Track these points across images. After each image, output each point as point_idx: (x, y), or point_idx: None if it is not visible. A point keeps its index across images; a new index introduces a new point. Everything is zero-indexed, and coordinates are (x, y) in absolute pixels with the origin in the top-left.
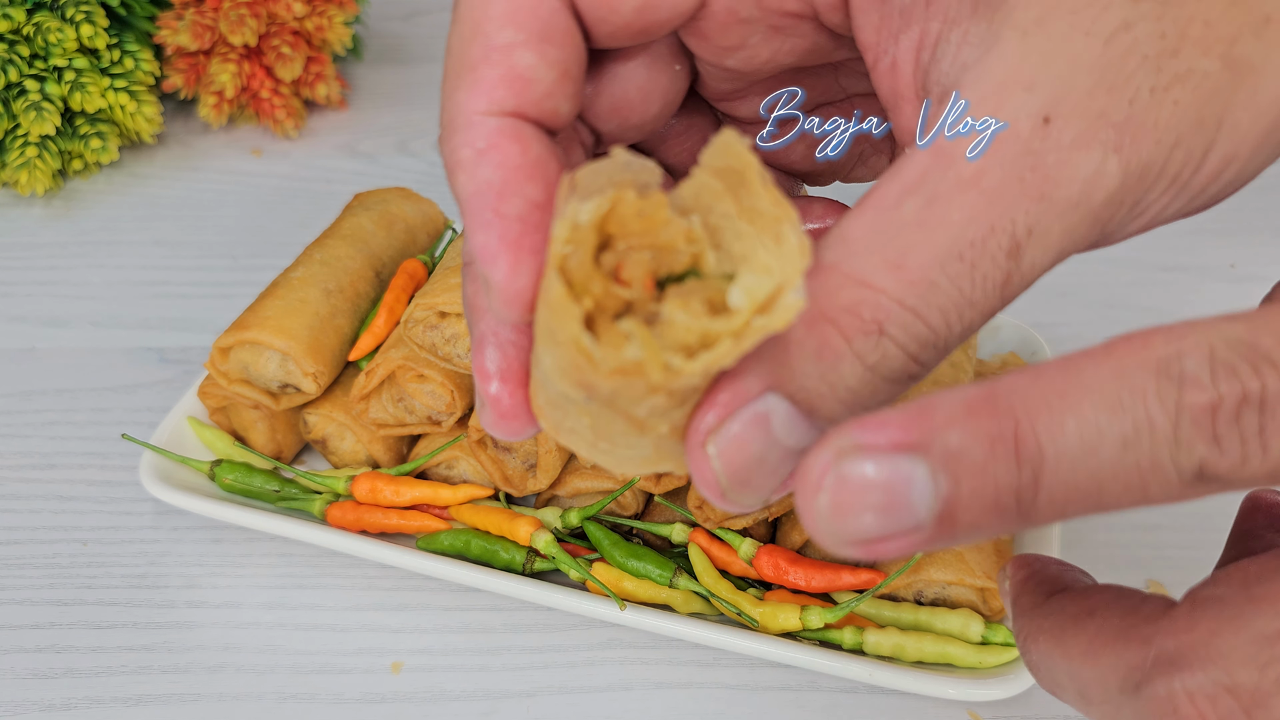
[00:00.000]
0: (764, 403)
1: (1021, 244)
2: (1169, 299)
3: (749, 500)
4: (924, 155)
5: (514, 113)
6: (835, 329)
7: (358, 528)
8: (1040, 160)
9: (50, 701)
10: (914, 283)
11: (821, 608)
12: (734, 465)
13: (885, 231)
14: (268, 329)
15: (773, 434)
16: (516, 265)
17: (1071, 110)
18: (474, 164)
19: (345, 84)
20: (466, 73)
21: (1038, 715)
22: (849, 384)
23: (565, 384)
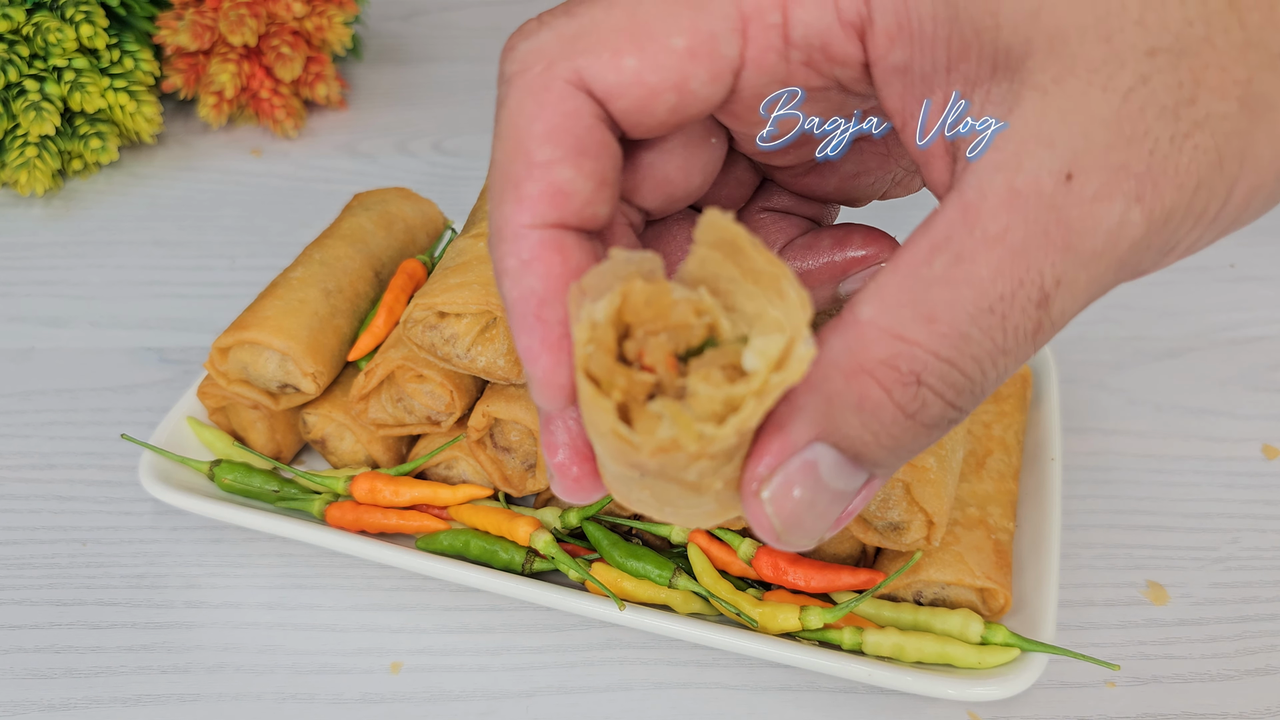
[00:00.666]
0: (812, 452)
1: (1050, 294)
2: (1169, 299)
3: (803, 542)
4: (952, 212)
5: (556, 224)
6: (874, 381)
7: (357, 528)
8: (1064, 214)
9: (50, 701)
10: (947, 335)
11: (821, 608)
12: (786, 511)
13: (917, 287)
14: (267, 329)
15: (821, 480)
16: (556, 365)
17: (1092, 165)
18: (519, 273)
19: (345, 84)
20: (511, 188)
21: (1038, 715)
22: (891, 431)
23: (617, 466)
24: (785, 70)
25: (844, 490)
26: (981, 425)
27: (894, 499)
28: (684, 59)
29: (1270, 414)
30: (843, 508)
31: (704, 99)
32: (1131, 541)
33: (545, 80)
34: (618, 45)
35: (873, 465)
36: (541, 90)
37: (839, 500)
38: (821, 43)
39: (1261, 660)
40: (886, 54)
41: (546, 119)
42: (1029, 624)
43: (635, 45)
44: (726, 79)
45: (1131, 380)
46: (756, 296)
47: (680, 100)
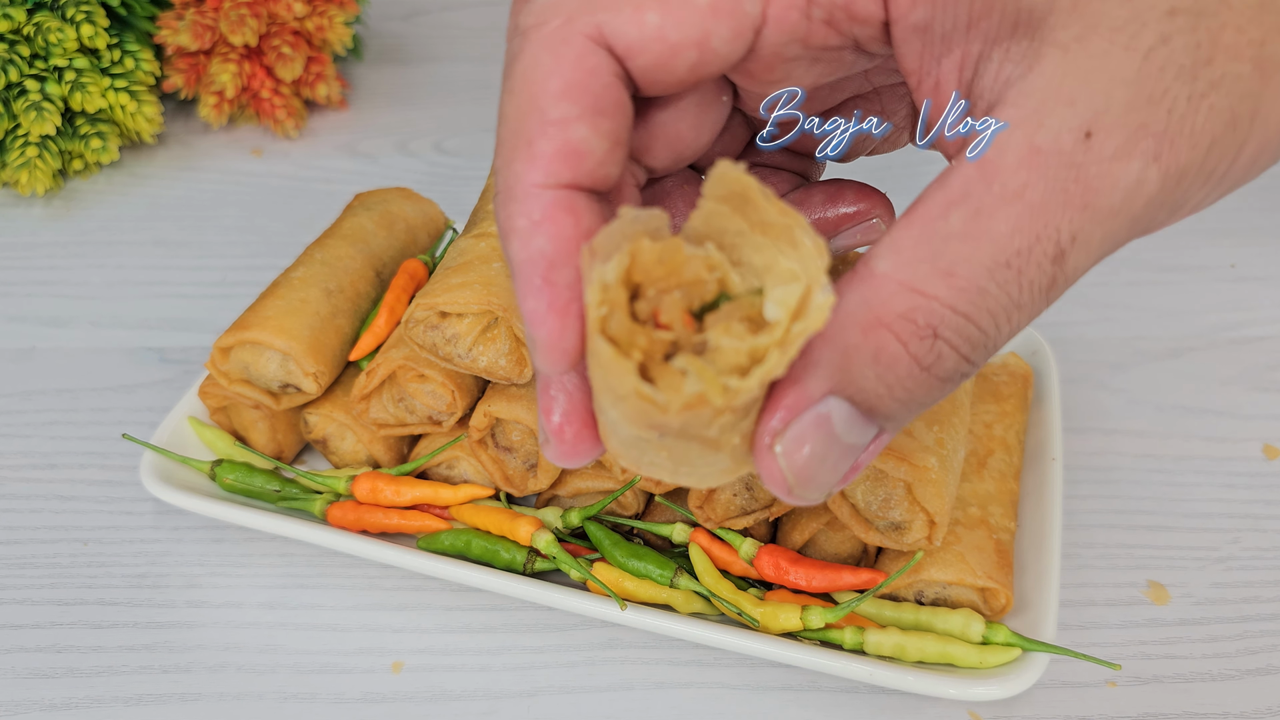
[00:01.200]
0: (825, 405)
1: (1066, 250)
2: (1169, 299)
3: (814, 495)
4: (969, 168)
5: (569, 184)
6: (891, 334)
7: (358, 528)
8: (1083, 172)
9: (51, 701)
10: (965, 289)
11: (822, 608)
12: (799, 464)
13: (934, 242)
14: (268, 329)
15: (834, 433)
16: (562, 328)
17: (1113, 124)
18: (529, 233)
19: (345, 84)
20: (523, 146)
21: (1038, 715)
22: (906, 384)
23: (635, 429)
24: (806, 28)
25: (855, 444)
26: (983, 425)
27: (895, 499)
28: (706, 15)
29: (1271, 414)
30: (853, 461)
31: (724, 56)
32: (1132, 541)
33: (564, 34)
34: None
35: (884, 419)
36: (560, 44)
37: (850, 453)
38: (845, 1)
39: (1263, 660)
40: (908, 12)
41: (564, 75)
42: (1030, 624)
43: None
44: (747, 36)
45: (1132, 380)
46: (765, 248)
47: (701, 57)
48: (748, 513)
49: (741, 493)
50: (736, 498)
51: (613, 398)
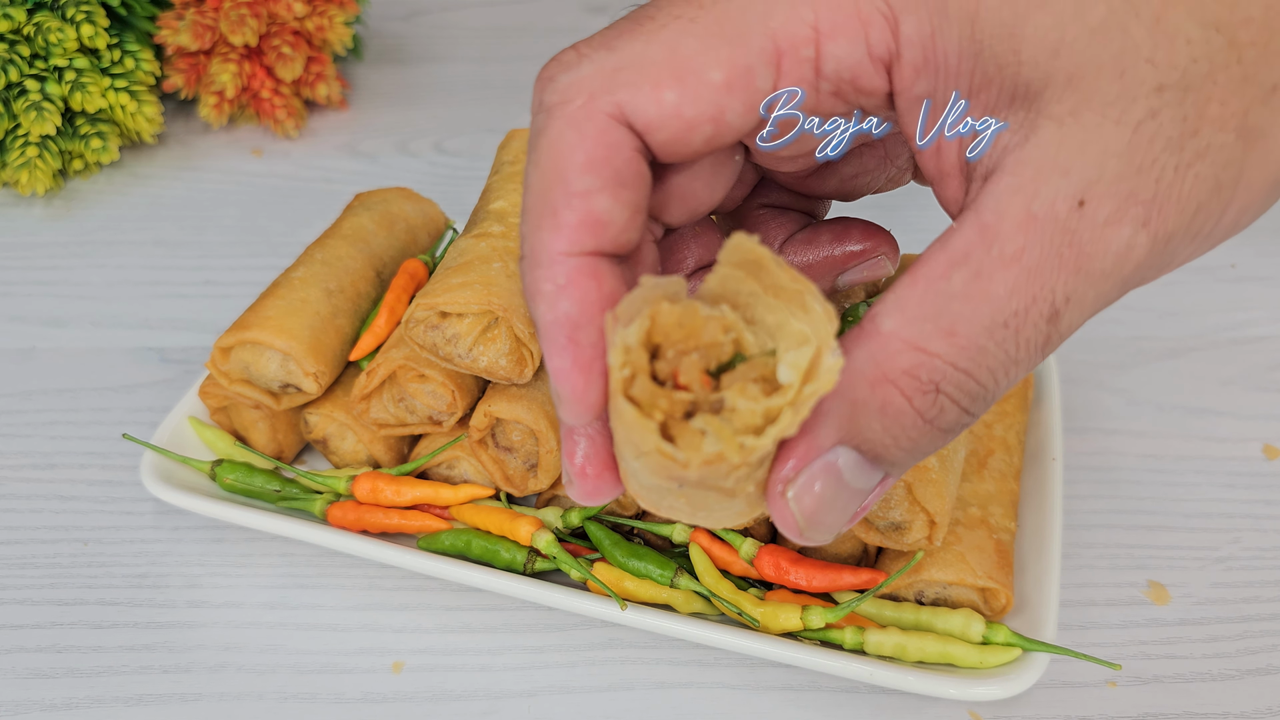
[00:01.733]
0: (834, 454)
1: (1060, 311)
2: (1169, 299)
3: (822, 537)
4: (970, 231)
5: (592, 252)
6: (897, 389)
7: (359, 528)
8: (1076, 238)
9: (51, 701)
10: (965, 348)
11: (823, 608)
12: (809, 508)
13: (937, 301)
14: (269, 329)
15: (842, 480)
16: (587, 385)
17: (1104, 193)
18: (555, 297)
19: (346, 84)
20: (549, 215)
21: (1038, 715)
22: (910, 435)
23: (656, 480)
24: (814, 100)
25: (861, 489)
26: (983, 425)
27: (896, 499)
28: (721, 92)
29: (1271, 414)
30: (859, 504)
31: (737, 129)
32: (1133, 541)
33: (587, 112)
34: (658, 79)
35: (889, 465)
36: (583, 121)
37: (857, 497)
38: (851, 76)
39: (1263, 660)
40: (911, 85)
41: (588, 150)
42: (1030, 624)
43: (675, 79)
44: (758, 110)
45: (1132, 380)
46: (777, 309)
47: (716, 131)
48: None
49: None
50: None
51: (635, 452)
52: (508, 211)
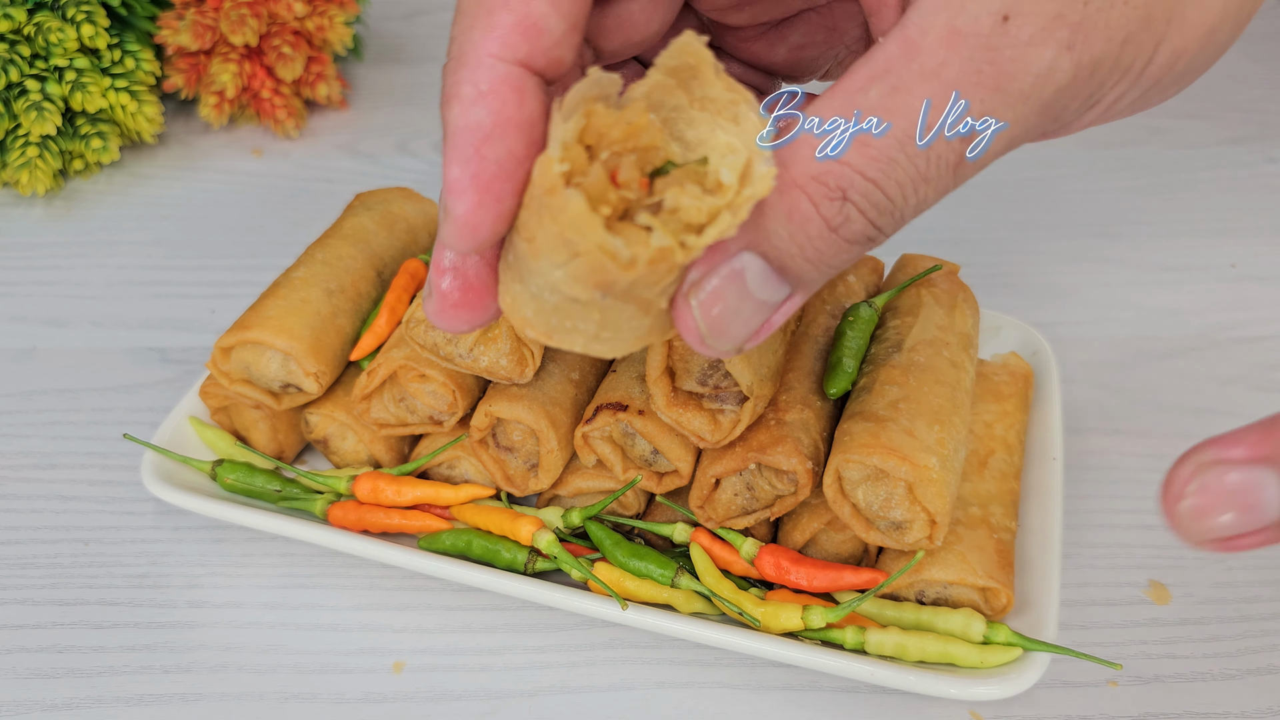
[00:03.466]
0: (740, 260)
1: (975, 130)
2: (1170, 299)
3: (725, 347)
4: (893, 45)
5: (523, 60)
6: (804, 194)
7: (359, 527)
8: (998, 55)
9: (52, 701)
10: (875, 159)
11: (823, 607)
12: (712, 315)
13: (851, 111)
14: (269, 329)
15: (747, 288)
16: (480, 204)
17: (1030, 11)
18: (471, 102)
19: (346, 84)
20: (484, 15)
21: (1039, 715)
22: (816, 244)
23: (579, 289)
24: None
25: (767, 300)
26: (983, 425)
27: (896, 498)
28: None
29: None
30: (765, 318)
31: None
32: (1133, 541)
33: None
34: None
35: (795, 279)
36: None
37: (761, 310)
38: None
39: (1263, 659)
40: None
41: None
42: (1031, 623)
43: None
44: None
45: (1133, 380)
46: (701, 123)
47: None
48: (748, 512)
49: (742, 492)
50: (737, 497)
51: (565, 255)
52: None
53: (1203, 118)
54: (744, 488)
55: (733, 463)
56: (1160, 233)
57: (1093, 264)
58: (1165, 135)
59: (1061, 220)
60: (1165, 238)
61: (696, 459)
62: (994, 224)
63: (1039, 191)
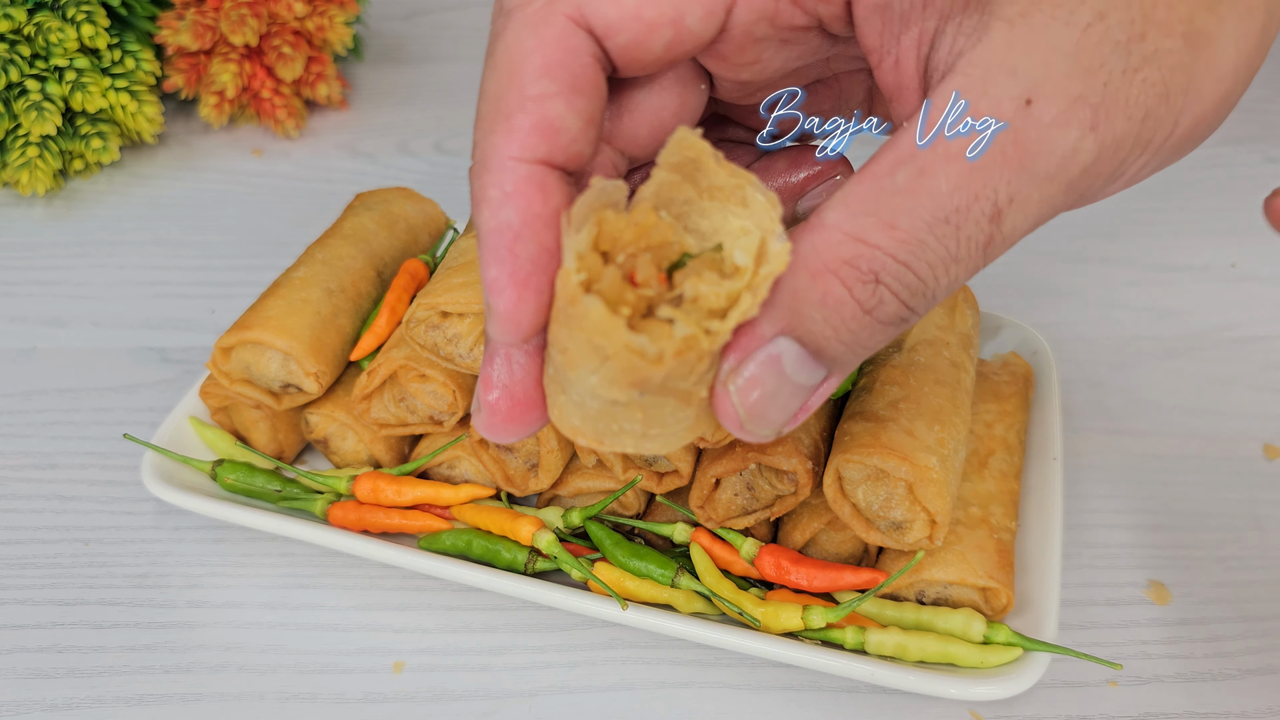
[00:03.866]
0: (776, 345)
1: (1003, 210)
2: (1169, 299)
3: (764, 432)
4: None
5: (543, 159)
6: (837, 279)
7: (359, 527)
8: (1021, 136)
9: (52, 701)
10: (905, 241)
11: (824, 607)
12: (751, 400)
13: (880, 197)
14: (270, 329)
15: (784, 372)
16: (520, 300)
17: (1051, 93)
18: (499, 204)
19: (346, 84)
20: (502, 119)
21: (1039, 715)
22: (850, 326)
23: (616, 391)
24: (774, 7)
25: (804, 384)
26: (983, 425)
27: (896, 498)
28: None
29: (1270, 414)
30: (802, 401)
31: (697, 35)
32: (1133, 541)
33: (546, 15)
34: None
35: (831, 360)
36: (541, 25)
37: (799, 393)
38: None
39: (1263, 659)
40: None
41: (545, 53)
42: (1031, 623)
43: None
44: (719, 15)
45: (1132, 380)
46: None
47: (676, 35)
48: (749, 512)
49: (743, 492)
50: (738, 497)
51: (597, 361)
52: None
53: None
54: (744, 488)
55: (733, 463)
56: (1160, 233)
57: (1093, 264)
58: None
59: (1061, 220)
60: (1165, 238)
61: (697, 459)
62: None
63: None
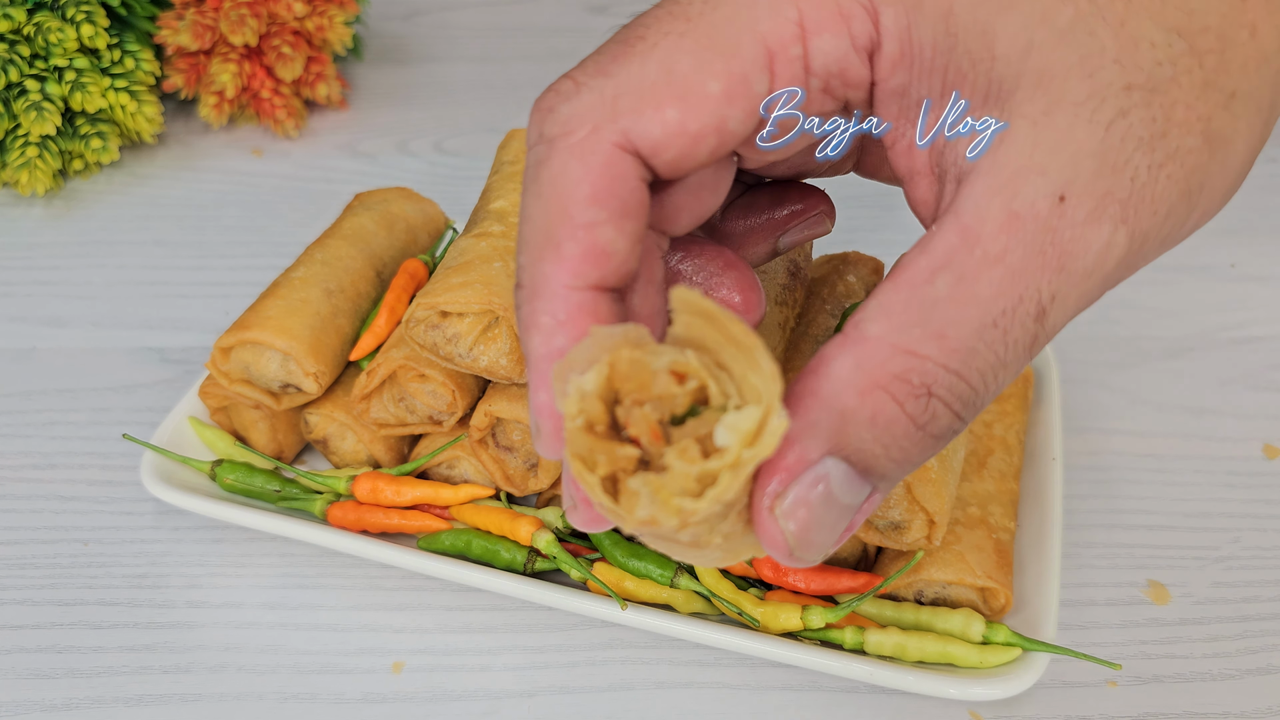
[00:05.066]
0: (823, 467)
1: (1046, 309)
2: (1169, 299)
3: (812, 557)
4: (950, 234)
5: (594, 285)
6: (888, 395)
7: (359, 528)
8: (1058, 236)
9: (51, 702)
10: (956, 350)
11: (823, 607)
12: (799, 526)
13: (923, 306)
14: (269, 329)
15: (832, 494)
16: None
17: (1082, 190)
18: (551, 332)
19: (345, 84)
20: (551, 248)
21: (1039, 715)
22: (902, 443)
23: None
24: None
25: (851, 504)
26: (983, 425)
27: (895, 498)
28: (721, 103)
29: (1270, 414)
30: (848, 521)
31: (739, 135)
32: (1132, 541)
33: (592, 144)
34: (659, 100)
35: (879, 478)
36: (588, 154)
37: (846, 514)
38: (839, 69)
39: (1263, 660)
40: (889, 77)
41: (593, 182)
42: (1030, 623)
43: (676, 98)
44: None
45: (1132, 380)
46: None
47: (720, 141)
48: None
49: None
50: None
51: None
52: (508, 211)
53: None
54: None
55: None
56: None
57: None
58: None
59: None
60: None
61: None
62: None
63: None
